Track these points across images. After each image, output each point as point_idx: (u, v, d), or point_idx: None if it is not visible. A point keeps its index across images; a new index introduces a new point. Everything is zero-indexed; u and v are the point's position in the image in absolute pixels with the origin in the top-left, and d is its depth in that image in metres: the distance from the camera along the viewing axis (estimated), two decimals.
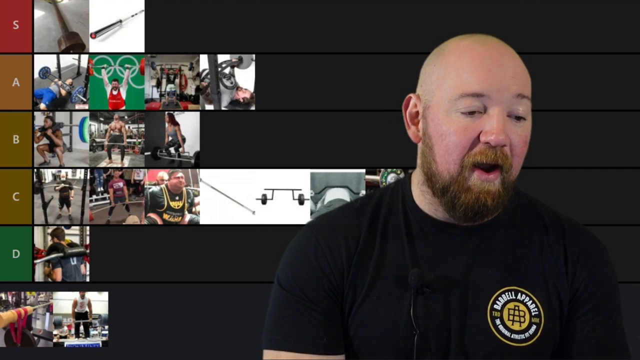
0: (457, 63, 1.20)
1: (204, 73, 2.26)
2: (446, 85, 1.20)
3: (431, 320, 1.21)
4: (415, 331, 1.20)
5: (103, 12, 2.25)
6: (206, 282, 2.20)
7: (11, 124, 2.23)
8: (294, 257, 1.28)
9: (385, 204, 1.30)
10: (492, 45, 1.22)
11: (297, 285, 1.25)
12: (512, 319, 1.21)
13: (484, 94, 1.17)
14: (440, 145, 1.20)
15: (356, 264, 1.25)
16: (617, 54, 2.19)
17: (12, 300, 2.22)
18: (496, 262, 1.23)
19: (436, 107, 1.21)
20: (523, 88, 1.20)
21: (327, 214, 1.33)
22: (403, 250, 1.25)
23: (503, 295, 1.22)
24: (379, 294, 1.23)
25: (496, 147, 1.17)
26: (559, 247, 1.25)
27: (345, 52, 2.20)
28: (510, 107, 1.19)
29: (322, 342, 1.23)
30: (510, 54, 1.22)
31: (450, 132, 1.19)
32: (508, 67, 1.19)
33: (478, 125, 1.18)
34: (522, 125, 1.21)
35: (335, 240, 1.26)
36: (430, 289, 1.21)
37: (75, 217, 2.26)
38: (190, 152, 2.26)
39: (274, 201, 2.24)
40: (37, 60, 2.25)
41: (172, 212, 2.25)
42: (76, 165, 2.27)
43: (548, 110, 2.20)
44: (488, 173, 1.18)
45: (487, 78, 1.18)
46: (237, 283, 2.19)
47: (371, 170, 2.24)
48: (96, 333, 2.22)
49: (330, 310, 1.24)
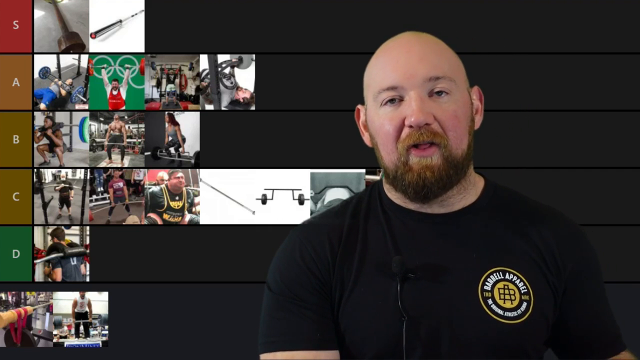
0: (375, 64, 1.30)
1: (204, 73, 2.26)
2: (371, 87, 1.29)
3: (419, 306, 1.22)
4: (404, 317, 1.21)
5: (103, 12, 2.26)
6: (206, 282, 2.20)
7: (11, 124, 2.23)
8: (280, 260, 1.32)
9: (365, 202, 1.34)
10: (402, 38, 1.29)
11: (286, 287, 1.28)
12: (503, 298, 1.23)
13: (396, 85, 1.24)
14: (379, 139, 1.27)
15: (341, 259, 1.27)
16: (617, 54, 2.20)
17: (12, 300, 2.22)
18: (479, 245, 1.26)
19: (369, 108, 1.30)
20: (433, 70, 1.24)
21: (310, 219, 1.38)
22: (385, 240, 1.28)
23: (492, 275, 1.25)
24: (366, 285, 1.25)
25: (420, 127, 1.22)
26: (542, 232, 1.28)
27: (345, 52, 2.20)
28: (427, 89, 1.24)
29: (316, 338, 1.25)
30: (419, 41, 1.27)
31: (381, 125, 1.26)
32: (413, 54, 1.25)
33: (401, 112, 1.24)
34: (446, 100, 1.24)
35: (318, 239, 1.30)
36: (415, 274, 1.23)
37: (75, 217, 2.26)
38: (190, 152, 2.26)
39: (274, 201, 2.24)
40: (37, 60, 2.25)
41: (172, 212, 2.25)
42: (76, 165, 2.27)
43: (548, 111, 2.20)
44: (424, 150, 1.24)
45: (396, 69, 1.25)
46: (237, 283, 2.19)
47: (371, 170, 2.24)
48: (96, 333, 2.22)
49: (322, 307, 1.26)
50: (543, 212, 1.32)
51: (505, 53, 2.18)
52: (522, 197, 1.35)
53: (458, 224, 1.28)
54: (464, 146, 1.25)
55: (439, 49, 1.28)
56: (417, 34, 1.29)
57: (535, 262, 1.26)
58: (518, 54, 2.19)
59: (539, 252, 1.27)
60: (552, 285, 1.26)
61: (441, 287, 1.23)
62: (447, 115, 1.24)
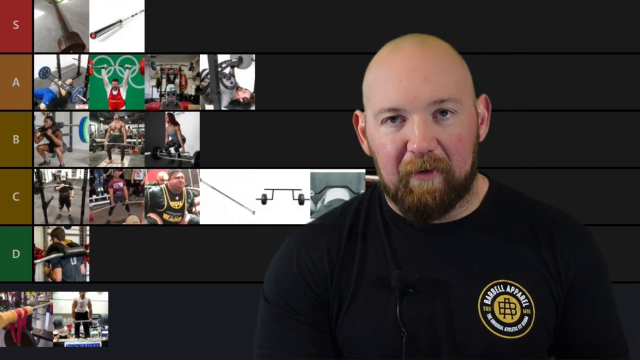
0: (375, 78, 1.22)
1: (204, 73, 2.26)
2: (371, 102, 1.22)
3: (419, 321, 1.20)
4: (403, 333, 1.19)
5: (103, 12, 2.25)
6: (206, 282, 2.20)
7: (11, 124, 2.23)
8: (277, 270, 1.29)
9: (364, 209, 1.30)
10: (405, 50, 1.20)
11: (282, 298, 1.25)
12: (503, 312, 1.21)
13: (398, 107, 1.17)
14: (379, 158, 1.22)
15: (339, 271, 1.25)
16: (616, 54, 2.19)
17: (12, 300, 2.22)
18: (480, 256, 1.23)
19: (369, 122, 1.24)
20: (438, 92, 1.17)
21: (309, 223, 1.34)
22: (384, 253, 1.25)
23: (492, 289, 1.22)
24: (364, 299, 1.23)
25: (422, 154, 1.17)
26: (546, 237, 1.25)
27: (345, 52, 2.20)
28: (430, 111, 1.17)
29: (312, 353, 1.23)
30: (423, 56, 1.19)
31: (382, 145, 1.20)
32: (418, 72, 1.17)
33: (403, 134, 1.18)
34: (451, 123, 1.18)
35: (316, 250, 1.26)
36: (415, 289, 1.21)
37: (75, 217, 2.26)
38: (190, 152, 2.26)
39: (274, 201, 2.24)
40: (37, 60, 2.25)
41: (172, 212, 2.25)
42: (76, 165, 2.27)
43: (548, 111, 2.20)
44: (426, 174, 1.19)
45: (398, 90, 1.17)
46: (237, 283, 2.19)
47: (371, 170, 2.24)
48: (96, 333, 2.22)
49: (317, 320, 1.24)
50: (548, 216, 1.28)
51: (506, 53, 2.18)
52: (526, 199, 1.31)
53: (459, 235, 1.25)
54: (467, 167, 1.21)
55: (446, 64, 1.20)
56: (421, 42, 1.21)
57: (538, 271, 1.23)
58: (518, 54, 2.19)
59: (542, 259, 1.24)
60: (555, 294, 1.23)
61: (441, 302, 1.21)
62: (451, 139, 1.18)
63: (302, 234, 1.31)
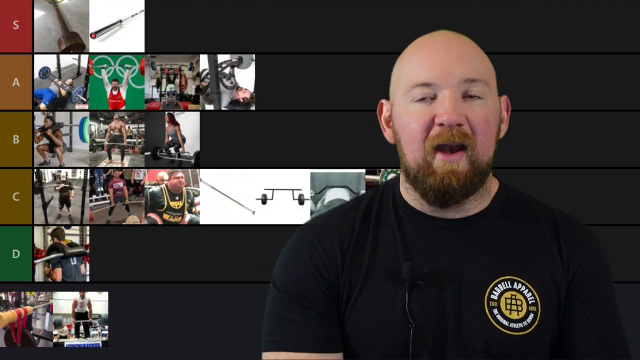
0: (408, 59, 1.26)
1: (204, 73, 2.26)
2: (402, 82, 1.25)
3: (427, 313, 1.22)
4: (411, 325, 1.20)
5: (103, 12, 2.25)
6: (206, 282, 2.20)
7: (11, 124, 2.23)
8: (288, 258, 1.30)
9: (377, 202, 1.32)
10: (440, 36, 1.27)
11: (293, 286, 1.26)
12: (509, 308, 1.22)
13: (431, 82, 1.21)
14: (405, 137, 1.24)
15: (350, 261, 1.26)
16: (616, 54, 2.19)
17: (12, 300, 2.22)
18: (489, 252, 1.25)
19: (397, 103, 1.26)
20: (470, 71, 1.22)
21: (321, 215, 1.35)
22: (395, 244, 1.26)
23: (499, 285, 1.23)
24: (374, 289, 1.24)
25: (451, 126, 1.19)
26: (552, 237, 1.27)
27: (345, 52, 2.20)
28: (461, 90, 1.21)
29: (321, 341, 1.24)
30: (458, 41, 1.25)
31: (409, 122, 1.23)
32: (452, 53, 1.22)
33: (432, 109, 1.21)
34: (479, 104, 1.22)
35: (328, 239, 1.28)
36: (424, 281, 1.22)
37: (75, 217, 2.26)
38: (190, 152, 2.26)
39: (274, 201, 2.24)
40: (37, 60, 2.25)
41: (172, 212, 2.25)
42: (76, 165, 2.27)
43: (548, 111, 2.20)
44: (451, 154, 1.21)
45: (433, 66, 1.22)
46: (237, 283, 2.19)
47: (371, 170, 2.24)
48: (96, 333, 2.22)
49: (327, 309, 1.25)
50: (556, 217, 1.29)
51: (506, 53, 2.18)
52: (534, 201, 1.32)
53: (470, 230, 1.26)
54: (490, 153, 1.24)
55: (477, 51, 1.26)
56: (454, 33, 1.27)
57: (545, 270, 1.24)
58: (519, 54, 2.19)
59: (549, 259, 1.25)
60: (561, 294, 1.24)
61: (449, 295, 1.22)
62: (479, 119, 1.21)
63: (314, 224, 1.32)
